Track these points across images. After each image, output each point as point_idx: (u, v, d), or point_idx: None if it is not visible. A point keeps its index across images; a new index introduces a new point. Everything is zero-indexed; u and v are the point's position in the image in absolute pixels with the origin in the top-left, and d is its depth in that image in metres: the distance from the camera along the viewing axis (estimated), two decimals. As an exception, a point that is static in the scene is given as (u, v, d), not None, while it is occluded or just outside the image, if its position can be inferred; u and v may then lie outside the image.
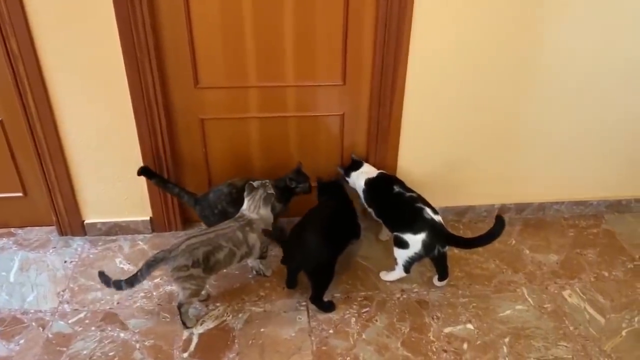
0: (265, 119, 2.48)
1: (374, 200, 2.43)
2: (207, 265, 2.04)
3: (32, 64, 2.17)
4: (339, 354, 2.03)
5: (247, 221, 2.17)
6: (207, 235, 2.08)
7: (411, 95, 2.39)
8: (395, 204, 2.32)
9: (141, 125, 2.34)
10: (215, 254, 2.06)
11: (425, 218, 2.18)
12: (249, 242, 2.15)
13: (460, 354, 2.03)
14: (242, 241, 2.13)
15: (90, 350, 2.03)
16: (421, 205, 2.22)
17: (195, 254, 2.01)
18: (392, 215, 2.35)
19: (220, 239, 2.09)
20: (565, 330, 2.15)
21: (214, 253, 2.05)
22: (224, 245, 2.08)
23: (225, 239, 2.09)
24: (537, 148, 2.63)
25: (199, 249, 2.02)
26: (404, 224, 2.24)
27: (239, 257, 2.14)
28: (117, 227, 2.61)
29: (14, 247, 2.55)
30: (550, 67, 2.40)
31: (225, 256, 2.09)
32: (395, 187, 2.34)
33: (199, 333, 2.11)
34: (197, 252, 2.01)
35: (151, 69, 2.22)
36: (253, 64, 2.32)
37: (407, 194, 2.31)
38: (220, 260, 2.08)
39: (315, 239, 2.15)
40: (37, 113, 2.28)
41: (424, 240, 2.17)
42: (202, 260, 2.02)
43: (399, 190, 2.33)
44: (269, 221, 2.23)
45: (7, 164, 2.48)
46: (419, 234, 2.17)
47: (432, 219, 2.18)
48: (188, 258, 2.00)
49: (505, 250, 2.58)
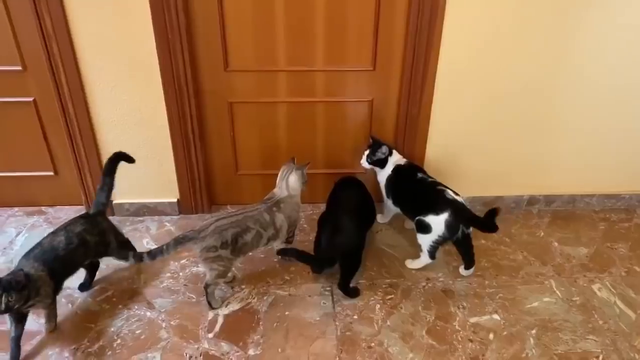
0: (293, 104, 2.47)
1: (397, 187, 2.41)
2: (235, 246, 2.05)
3: (65, 45, 2.19)
4: (363, 339, 2.02)
5: (275, 202, 2.17)
6: (235, 217, 2.08)
7: (442, 83, 2.36)
8: (418, 188, 2.32)
9: (171, 107, 2.35)
10: (244, 235, 2.06)
11: (447, 198, 2.18)
12: (276, 224, 2.15)
13: (486, 344, 2.01)
14: (270, 223, 2.13)
15: (117, 328, 2.06)
16: (442, 187, 2.22)
17: (224, 235, 2.02)
18: (414, 200, 2.34)
19: (248, 221, 2.09)
20: (594, 324, 2.11)
21: (242, 235, 2.06)
22: (252, 227, 2.08)
23: (253, 220, 2.10)
24: (568, 139, 2.58)
25: (227, 230, 2.03)
26: (426, 206, 2.23)
27: (266, 239, 2.14)
28: (145, 208, 2.63)
29: (45, 225, 2.59)
30: (584, 56, 2.35)
31: (252, 238, 2.09)
32: (418, 174, 2.33)
33: (224, 314, 2.12)
34: (226, 233, 2.02)
35: (182, 52, 2.23)
36: (283, 48, 2.32)
37: (429, 179, 2.30)
38: (248, 242, 2.09)
39: (352, 225, 2.17)
40: (70, 93, 2.31)
41: (447, 220, 2.16)
42: (231, 242, 2.03)
43: (422, 176, 2.32)
44: (297, 196, 2.23)
45: (39, 143, 2.52)
46: (441, 214, 2.16)
47: (454, 198, 2.18)
48: (217, 239, 2.01)
49: (534, 242, 2.54)
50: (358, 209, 2.28)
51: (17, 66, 2.31)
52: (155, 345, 1.98)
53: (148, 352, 1.96)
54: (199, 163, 2.52)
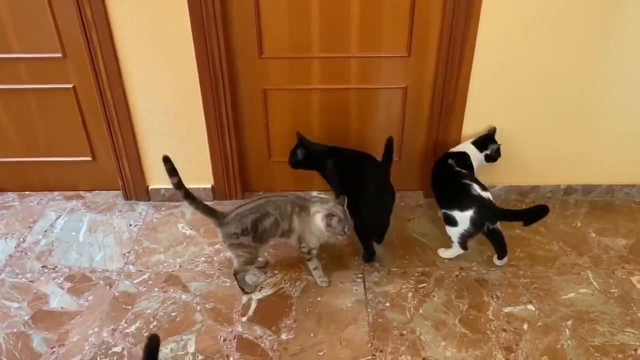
0: (327, 91, 2.47)
1: (433, 175, 2.41)
2: (257, 233, 2.04)
3: (104, 33, 2.23)
4: (395, 327, 2.03)
5: (303, 205, 2.07)
6: (257, 202, 2.05)
7: (479, 70, 2.32)
8: (446, 179, 2.30)
9: (206, 94, 2.38)
10: (263, 221, 2.03)
11: (473, 194, 2.14)
12: (292, 223, 2.07)
13: (520, 334, 1.99)
14: (287, 216, 2.06)
15: (153, 310, 2.10)
16: (468, 182, 2.18)
17: (244, 222, 2.01)
18: (442, 191, 2.33)
19: (269, 206, 2.04)
20: (633, 316, 2.06)
21: (261, 220, 2.03)
22: (271, 213, 2.04)
23: (274, 207, 2.04)
24: (607, 128, 2.51)
25: (247, 216, 2.02)
26: (452, 200, 2.21)
27: (281, 230, 2.08)
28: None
29: (83, 209, 2.66)
30: (624, 43, 2.27)
31: (271, 225, 2.05)
32: (449, 160, 2.31)
33: (257, 299, 2.15)
34: (246, 220, 2.01)
35: (218, 39, 2.25)
36: (317, 34, 2.31)
37: (456, 169, 2.27)
38: (267, 228, 2.05)
39: (391, 198, 2.21)
40: (108, 80, 2.35)
41: (472, 217, 2.13)
42: (251, 229, 2.02)
43: (451, 163, 2.30)
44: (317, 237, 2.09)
45: (78, 129, 2.58)
46: (466, 211, 2.14)
47: (479, 195, 2.14)
48: (237, 226, 2.01)
49: (570, 232, 2.49)
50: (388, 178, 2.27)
51: (57, 53, 2.36)
52: (190, 327, 2.03)
53: (183, 334, 2.00)
54: (232, 150, 2.54)
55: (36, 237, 2.48)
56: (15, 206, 2.69)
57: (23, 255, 2.37)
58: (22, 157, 2.68)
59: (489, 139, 2.41)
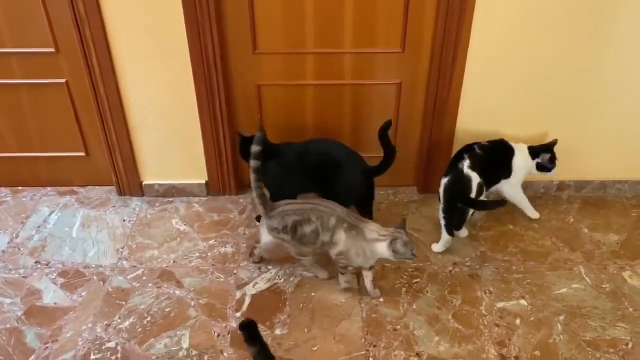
0: (321, 86, 2.47)
1: None
2: (295, 235, 2.03)
3: (97, 27, 2.22)
4: (389, 322, 2.03)
5: (354, 224, 1.99)
6: (303, 205, 2.03)
7: (473, 66, 2.33)
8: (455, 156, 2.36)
9: (200, 89, 2.37)
10: (303, 225, 2.01)
11: (457, 165, 2.22)
12: (334, 236, 2.00)
13: (513, 329, 2.00)
14: (329, 229, 2.00)
15: (147, 305, 2.10)
16: (464, 155, 2.25)
17: (285, 220, 2.02)
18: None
19: (312, 213, 2.00)
20: (624, 311, 2.08)
21: (302, 224, 2.01)
22: (313, 220, 2.00)
23: (317, 215, 2.00)
24: (601, 124, 2.52)
25: (290, 216, 2.01)
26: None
27: (321, 240, 2.03)
28: (174, 189, 2.67)
29: (76, 205, 2.65)
30: (620, 37, 2.28)
31: (311, 232, 2.02)
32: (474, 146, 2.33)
33: (251, 294, 2.15)
34: (288, 219, 2.01)
35: (211, 34, 2.24)
36: (311, 30, 2.31)
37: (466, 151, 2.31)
38: (306, 234, 2.02)
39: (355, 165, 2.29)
40: (101, 75, 2.34)
41: (445, 185, 2.22)
42: (290, 229, 2.02)
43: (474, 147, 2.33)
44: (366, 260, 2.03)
45: (71, 124, 2.57)
46: (444, 178, 2.24)
47: (462, 169, 2.21)
48: (279, 222, 2.03)
49: (563, 227, 2.51)
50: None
51: (50, 48, 2.35)
52: (184, 323, 2.03)
53: (177, 329, 2.00)
54: (227, 145, 2.54)
55: (29, 232, 2.47)
56: (7, 201, 2.68)
57: (16, 250, 2.37)
58: (14, 152, 2.66)
59: (545, 149, 2.39)
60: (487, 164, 2.29)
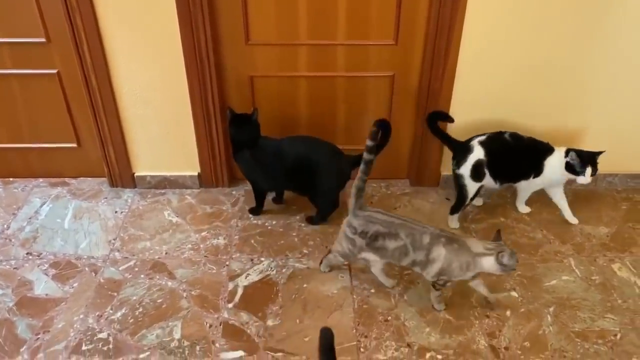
0: (314, 78, 2.47)
1: None
2: (372, 243, 1.98)
3: (89, 17, 2.20)
4: (380, 313, 2.04)
5: (453, 238, 1.92)
6: (392, 219, 1.97)
7: (465, 58, 2.33)
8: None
9: (192, 80, 2.36)
10: (386, 239, 1.94)
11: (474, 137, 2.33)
12: (431, 254, 1.91)
13: (503, 320, 2.02)
14: (424, 247, 1.91)
15: (139, 297, 2.10)
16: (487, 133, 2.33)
17: (368, 226, 1.96)
18: None
19: (402, 230, 1.93)
20: (613, 303, 2.10)
21: (385, 237, 1.94)
22: (402, 237, 1.92)
23: (407, 233, 1.92)
24: (592, 118, 2.54)
25: (375, 224, 1.96)
26: None
27: (411, 260, 1.95)
28: (166, 181, 2.67)
29: (68, 196, 2.64)
30: (614, 28, 2.29)
31: (395, 249, 1.95)
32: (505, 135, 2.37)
33: (243, 285, 2.15)
34: (372, 226, 1.96)
35: (204, 25, 2.23)
36: (304, 21, 2.30)
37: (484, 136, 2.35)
38: (387, 249, 1.96)
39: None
40: (93, 65, 2.32)
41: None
42: (370, 236, 1.96)
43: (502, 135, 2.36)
44: (474, 269, 1.91)
45: (62, 115, 2.55)
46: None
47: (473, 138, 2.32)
48: (361, 225, 1.97)
49: (554, 220, 2.52)
50: None
51: (41, 38, 2.33)
52: (176, 314, 2.03)
53: (169, 320, 2.00)
54: (219, 137, 2.54)
55: (20, 223, 2.46)
56: (-1, 193, 2.67)
57: (7, 242, 2.36)
58: (5, 143, 2.65)
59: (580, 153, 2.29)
60: (509, 154, 2.32)
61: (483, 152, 2.30)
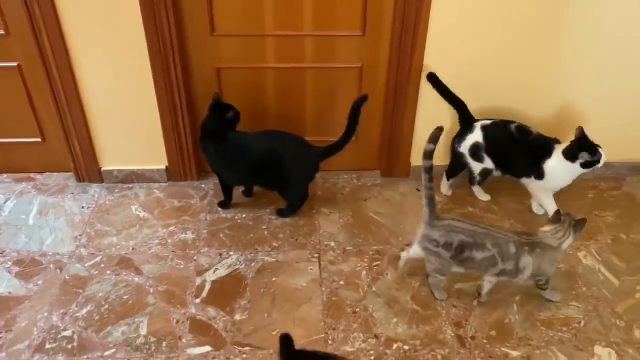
0: (282, 70, 2.44)
1: None
2: (458, 255, 1.93)
3: (48, 7, 2.14)
4: (349, 305, 2.05)
5: (532, 242, 1.91)
6: (476, 228, 1.92)
7: (433, 49, 2.33)
8: None
9: (157, 72, 2.32)
10: (474, 249, 1.90)
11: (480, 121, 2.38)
12: (519, 263, 1.90)
13: (470, 310, 2.03)
14: (512, 257, 1.89)
15: (105, 293, 2.07)
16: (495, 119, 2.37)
17: (451, 237, 1.91)
18: None
19: (488, 240, 1.89)
20: (578, 291, 2.13)
21: (471, 248, 1.90)
22: (488, 248, 1.89)
23: (493, 243, 1.89)
24: (559, 108, 2.56)
25: (458, 234, 1.90)
26: None
27: (499, 270, 1.92)
28: (134, 175, 2.63)
29: (33, 192, 2.59)
30: (581, 25, 2.31)
31: (483, 259, 1.91)
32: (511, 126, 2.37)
33: (211, 280, 2.14)
34: (455, 236, 1.90)
35: (167, 15, 2.19)
36: (271, 12, 2.27)
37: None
38: (475, 260, 1.92)
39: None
40: (54, 57, 2.27)
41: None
42: (456, 248, 1.91)
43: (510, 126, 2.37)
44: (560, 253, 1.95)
45: (25, 109, 2.49)
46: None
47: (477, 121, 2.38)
48: (443, 236, 1.91)
49: (522, 210, 2.55)
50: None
51: (0, 30, 2.27)
52: (143, 310, 2.01)
53: (136, 317, 1.98)
54: (186, 130, 2.50)
55: (-17, 221, 2.41)
56: (-39, 189, 2.60)
57: (-31, 239, 2.31)
58: (-33, 138, 2.59)
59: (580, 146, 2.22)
60: (508, 145, 2.33)
61: (482, 136, 2.35)
